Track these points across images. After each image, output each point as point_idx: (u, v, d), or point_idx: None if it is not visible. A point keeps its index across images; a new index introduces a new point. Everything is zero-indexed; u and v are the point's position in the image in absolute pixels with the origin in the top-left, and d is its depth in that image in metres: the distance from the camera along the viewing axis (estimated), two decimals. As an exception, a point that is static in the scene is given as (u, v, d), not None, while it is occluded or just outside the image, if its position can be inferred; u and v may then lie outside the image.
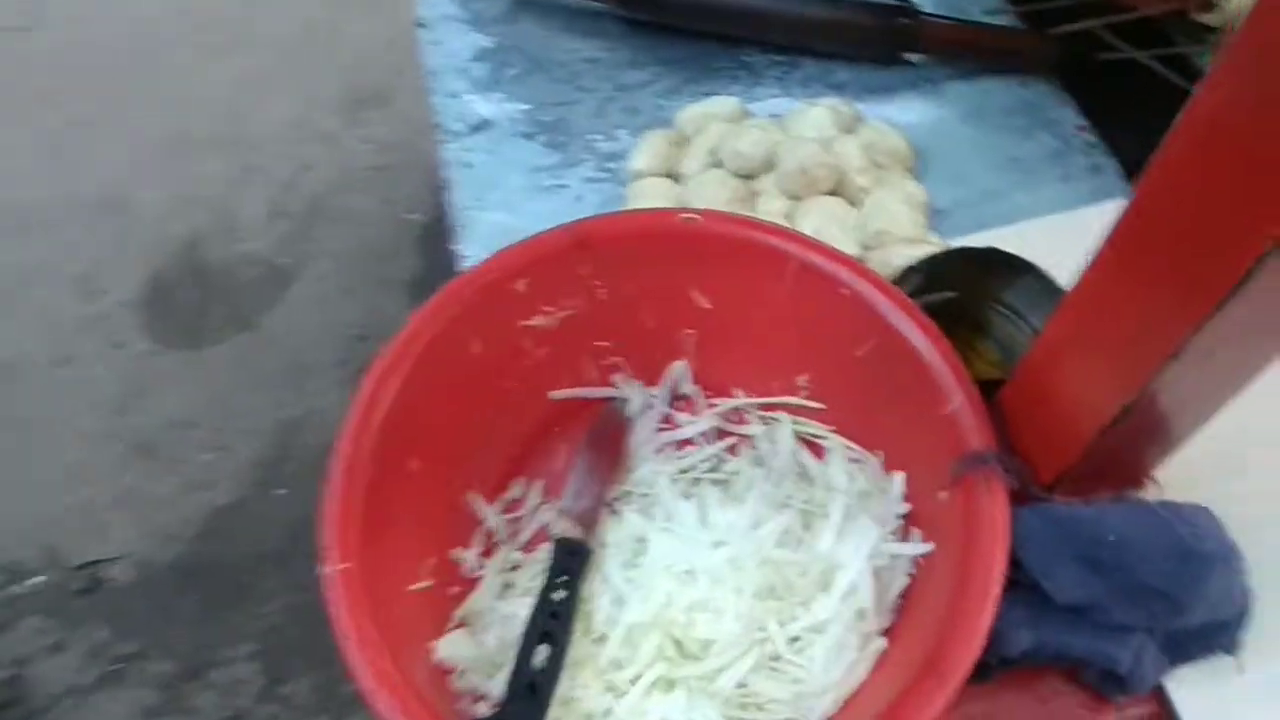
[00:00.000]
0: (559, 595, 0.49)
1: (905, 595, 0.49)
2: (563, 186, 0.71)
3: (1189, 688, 0.48)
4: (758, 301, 0.57)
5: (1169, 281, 0.35)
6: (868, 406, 0.55)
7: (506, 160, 0.73)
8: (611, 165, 0.72)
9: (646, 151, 0.69)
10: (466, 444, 0.56)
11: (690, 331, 0.59)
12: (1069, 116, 0.72)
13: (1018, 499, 0.45)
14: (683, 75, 0.77)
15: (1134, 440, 0.42)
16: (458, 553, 0.54)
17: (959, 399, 0.48)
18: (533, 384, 0.58)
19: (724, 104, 0.71)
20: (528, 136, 0.74)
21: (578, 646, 0.48)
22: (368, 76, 1.91)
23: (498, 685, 0.47)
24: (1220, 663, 0.48)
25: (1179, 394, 0.39)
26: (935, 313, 0.54)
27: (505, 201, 0.70)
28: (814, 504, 0.54)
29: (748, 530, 0.51)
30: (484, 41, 0.79)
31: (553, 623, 0.47)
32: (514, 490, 0.57)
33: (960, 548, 0.45)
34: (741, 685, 0.47)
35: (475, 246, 0.68)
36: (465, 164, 0.73)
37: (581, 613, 0.50)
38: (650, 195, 0.67)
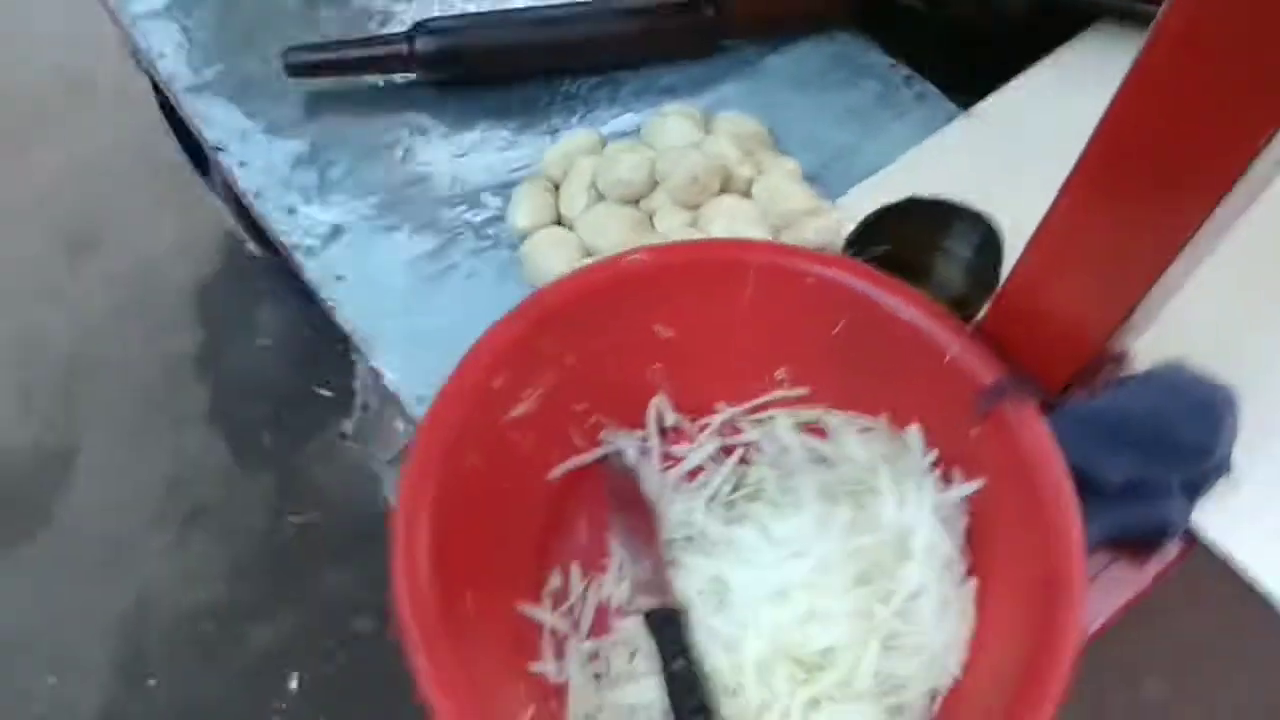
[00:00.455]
0: (679, 665, 0.48)
1: (970, 533, 0.53)
2: (451, 268, 0.68)
3: (1202, 514, 0.55)
4: (719, 316, 0.57)
5: (1162, 190, 0.39)
6: (856, 378, 0.57)
7: (379, 261, 0.68)
8: (491, 231, 0.70)
9: (525, 205, 0.68)
10: (497, 558, 0.53)
11: (658, 365, 0.59)
12: (879, 58, 0.77)
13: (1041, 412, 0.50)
14: (516, 123, 0.75)
15: (1126, 331, 0.47)
16: (537, 667, 0.52)
17: (956, 345, 0.52)
18: (529, 474, 0.56)
19: (582, 138, 0.70)
20: (389, 230, 0.70)
21: (724, 710, 0.48)
22: (74, 219, 1.71)
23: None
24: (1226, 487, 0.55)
25: (1169, 283, 0.44)
26: (882, 264, 0.58)
27: (401, 304, 0.66)
28: (852, 482, 0.56)
29: (817, 530, 0.53)
30: (295, 147, 0.74)
31: (688, 697, 0.47)
32: (553, 582, 0.55)
33: (1019, 474, 0.49)
34: (876, 674, 0.49)
35: (394, 359, 0.64)
36: (337, 278, 0.68)
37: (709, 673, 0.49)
38: (548, 247, 0.65)
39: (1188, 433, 0.49)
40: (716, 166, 0.65)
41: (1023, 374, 0.50)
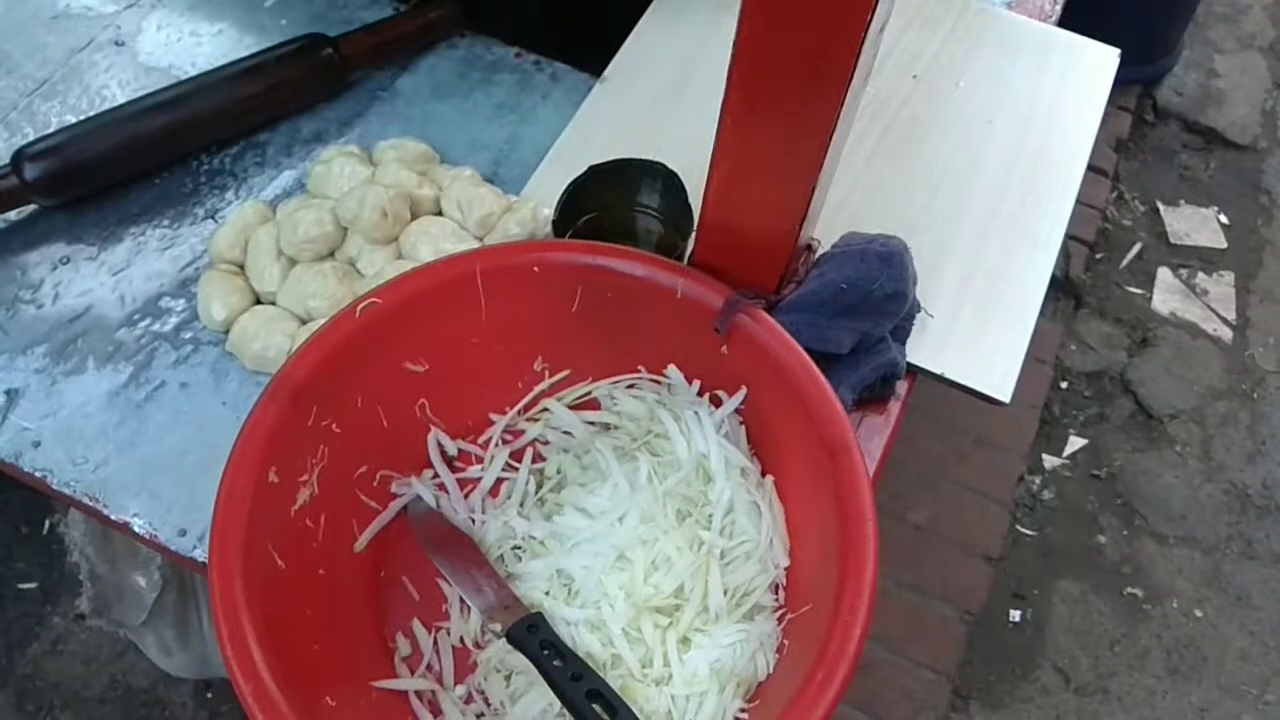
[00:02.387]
0: (556, 665, 0.49)
1: (752, 438, 0.58)
2: (158, 389, 0.63)
3: (913, 352, 0.65)
4: (463, 332, 0.59)
5: (802, 89, 0.46)
6: (606, 344, 0.60)
7: (73, 411, 0.62)
8: (187, 334, 0.65)
9: (215, 297, 0.64)
10: (339, 651, 0.52)
11: (422, 401, 0.59)
12: (503, 51, 0.81)
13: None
14: (168, 218, 0.70)
15: (808, 223, 0.55)
16: None
17: (680, 282, 0.57)
18: (336, 555, 0.55)
19: (248, 211, 0.67)
20: (71, 374, 0.63)
21: (613, 679, 0.50)
22: None
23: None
24: (919, 322, 0.65)
25: (829, 171, 0.51)
26: (588, 235, 0.62)
27: (116, 446, 0.61)
28: (640, 436, 0.59)
29: (628, 491, 0.56)
30: (-86, 320, 0.64)
31: (578, 686, 0.48)
32: (401, 648, 0.55)
33: (772, 372, 0.54)
34: (726, 592, 0.53)
35: (133, 504, 0.59)
36: (34, 445, 0.61)
37: (585, 656, 0.51)
38: (259, 329, 0.63)
39: (884, 284, 0.57)
40: (401, 195, 0.65)
41: (742, 288, 0.56)
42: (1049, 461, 1.48)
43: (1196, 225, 1.72)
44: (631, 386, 0.61)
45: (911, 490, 1.41)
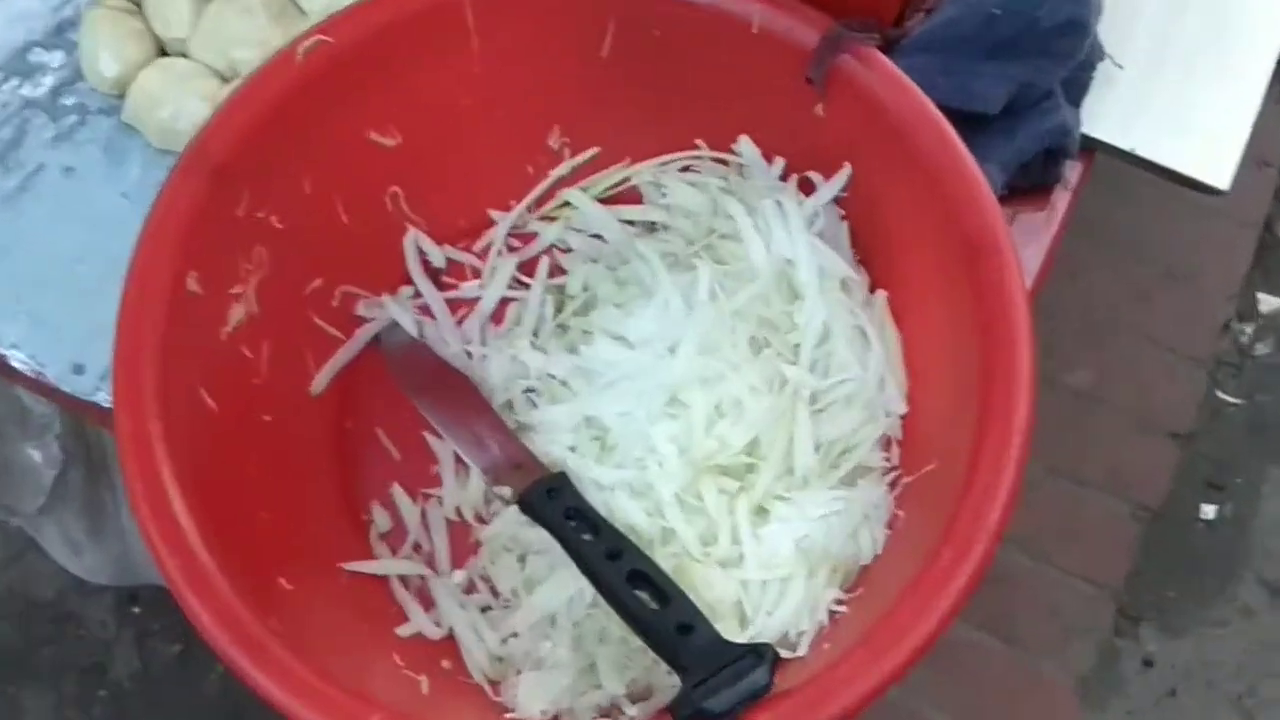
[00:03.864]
0: (587, 540, 0.50)
1: (858, 238, 0.57)
2: (34, 174, 0.64)
3: (1091, 119, 0.63)
4: (448, 90, 0.58)
5: None
6: (648, 107, 0.59)
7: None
8: (68, 100, 0.66)
9: (106, 46, 0.64)
10: (293, 520, 0.53)
11: (394, 189, 0.59)
12: None
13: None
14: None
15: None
16: (406, 630, 0.53)
17: (756, 9, 0.55)
18: (285, 397, 0.56)
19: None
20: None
21: (662, 559, 0.50)
22: None
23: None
24: (1101, 75, 0.63)
25: None
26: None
27: None
28: (699, 237, 0.59)
29: (683, 312, 0.56)
30: None
31: (615, 568, 0.49)
32: (379, 522, 0.56)
33: (888, 141, 0.53)
34: (817, 448, 0.53)
35: (12, 331, 0.60)
36: None
37: (625, 530, 0.51)
38: (167, 89, 0.63)
39: (1053, 10, 0.55)
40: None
41: (848, 17, 0.54)
42: (1266, 303, 1.46)
43: None
44: (687, 169, 0.60)
45: (1070, 342, 1.40)
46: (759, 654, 0.44)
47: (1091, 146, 0.63)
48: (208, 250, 0.52)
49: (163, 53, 0.66)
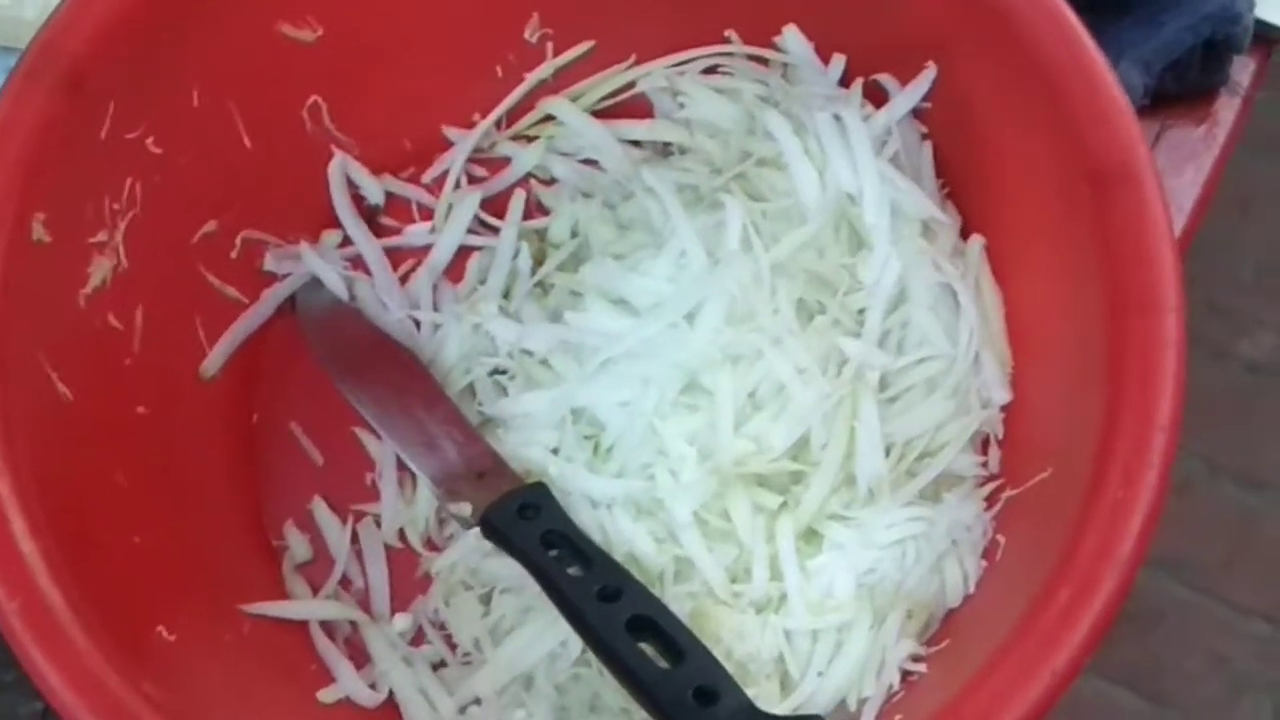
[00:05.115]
0: (574, 572, 0.49)
1: (942, 165, 0.57)
2: None
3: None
4: None
5: None
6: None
7: None
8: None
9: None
10: (178, 546, 0.54)
11: (314, 99, 0.59)
12: None
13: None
14: None
15: None
16: (328, 695, 0.54)
17: None
18: (167, 378, 0.57)
19: None
20: None
21: (676, 600, 0.51)
22: None
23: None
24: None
25: None
26: None
27: None
28: (729, 164, 0.58)
29: (705, 266, 0.55)
30: None
31: (614, 614, 0.48)
32: (295, 549, 0.57)
33: (986, 31, 0.52)
34: (888, 449, 0.53)
35: None
36: None
37: (626, 561, 0.51)
38: None
39: None
40: None
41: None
42: None
43: None
44: (713, 70, 0.60)
45: (1242, 297, 1.39)
46: None
47: (1269, 36, 0.63)
48: (60, 184, 0.52)
49: (4, -85, 0.65)
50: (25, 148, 0.51)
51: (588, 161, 0.61)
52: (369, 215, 0.61)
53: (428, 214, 0.61)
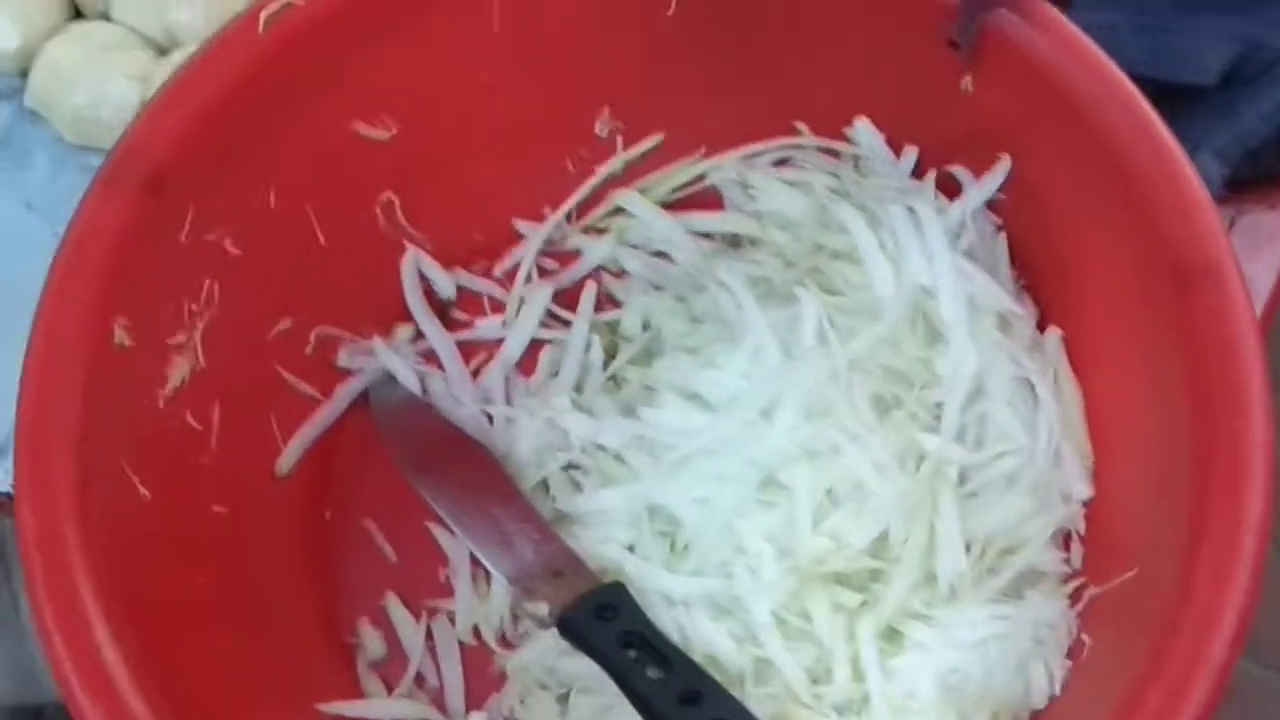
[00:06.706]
0: (652, 674, 0.50)
1: (1018, 257, 0.57)
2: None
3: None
4: (459, 62, 0.59)
5: None
6: (730, 81, 0.60)
7: None
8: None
9: (6, 10, 0.65)
10: (254, 646, 0.54)
11: (387, 196, 0.60)
12: None
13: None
14: None
15: None
16: None
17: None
18: (243, 476, 0.57)
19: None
20: None
21: (757, 703, 0.50)
22: None
23: None
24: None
25: None
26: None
27: None
28: (801, 258, 0.59)
29: (780, 361, 0.55)
30: None
31: (687, 713, 0.48)
32: (370, 647, 0.57)
33: (1063, 124, 0.52)
34: (968, 544, 0.52)
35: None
36: None
37: (705, 662, 0.51)
38: (81, 65, 0.64)
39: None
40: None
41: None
42: None
43: None
44: (783, 163, 0.60)
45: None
46: None
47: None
48: (141, 288, 0.52)
49: (78, 14, 0.67)
50: (107, 253, 0.52)
51: (659, 254, 0.61)
52: (441, 309, 0.61)
53: (499, 307, 0.61)
